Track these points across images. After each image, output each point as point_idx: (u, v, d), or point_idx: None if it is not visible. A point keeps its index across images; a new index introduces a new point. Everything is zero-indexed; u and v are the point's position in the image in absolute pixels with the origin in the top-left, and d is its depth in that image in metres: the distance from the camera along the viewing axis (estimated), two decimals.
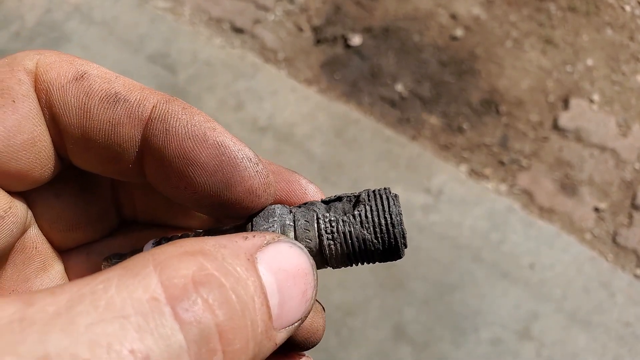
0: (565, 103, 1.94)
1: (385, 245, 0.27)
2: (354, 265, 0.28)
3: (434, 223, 1.72)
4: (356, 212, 0.27)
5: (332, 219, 0.27)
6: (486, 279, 1.64)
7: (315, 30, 2.09)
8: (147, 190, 0.31)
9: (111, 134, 0.26)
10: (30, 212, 0.28)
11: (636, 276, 1.67)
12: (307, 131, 1.87)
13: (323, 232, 0.26)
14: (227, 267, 0.20)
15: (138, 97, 0.26)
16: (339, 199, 0.28)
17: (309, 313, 0.24)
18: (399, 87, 1.97)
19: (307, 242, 0.26)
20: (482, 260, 1.67)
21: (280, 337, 0.22)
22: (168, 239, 0.28)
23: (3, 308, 0.16)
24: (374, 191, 0.28)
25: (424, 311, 1.60)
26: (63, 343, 0.16)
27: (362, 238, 0.26)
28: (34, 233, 0.29)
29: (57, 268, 0.30)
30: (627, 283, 1.65)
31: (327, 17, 2.12)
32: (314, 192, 0.30)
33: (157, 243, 0.28)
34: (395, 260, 0.28)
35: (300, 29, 2.10)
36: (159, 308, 0.17)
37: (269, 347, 0.21)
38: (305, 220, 0.27)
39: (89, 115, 0.25)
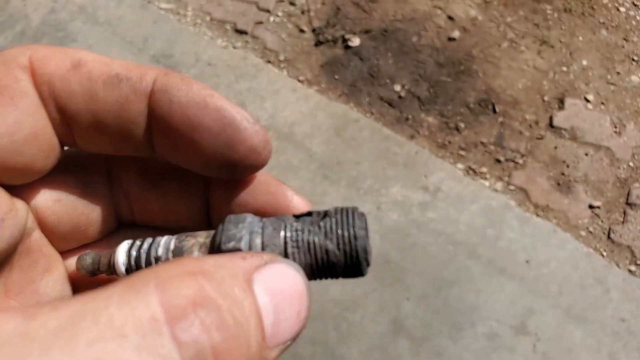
0: (561, 102, 1.97)
1: (346, 257, 0.27)
2: (317, 279, 0.28)
3: (431, 220, 1.75)
4: (322, 224, 0.28)
5: (299, 228, 0.28)
6: (482, 275, 1.67)
7: (316, 31, 2.13)
8: (145, 195, 0.32)
9: (120, 113, 0.27)
10: (32, 216, 0.29)
11: (631, 272, 1.69)
12: (307, 130, 1.90)
13: (289, 240, 0.27)
14: (225, 289, 0.20)
15: (138, 73, 0.27)
16: (309, 214, 0.29)
17: (301, 332, 0.24)
18: (397, 87, 2.01)
19: (273, 248, 0.27)
20: (479, 256, 1.70)
21: (273, 355, 0.23)
22: (141, 242, 0.29)
23: (4, 322, 0.17)
24: (342, 208, 0.29)
25: (421, 306, 1.62)
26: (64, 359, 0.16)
27: (325, 248, 0.27)
28: (38, 236, 0.29)
29: (60, 269, 0.31)
30: (622, 279, 1.67)
31: (327, 18, 2.15)
32: (299, 204, 0.30)
33: (131, 245, 0.29)
34: (358, 276, 0.28)
35: (301, 31, 2.14)
36: (158, 328, 0.18)
37: None
38: (273, 228, 0.28)
39: (96, 99, 0.26)
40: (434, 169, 1.83)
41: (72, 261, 0.31)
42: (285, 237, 0.27)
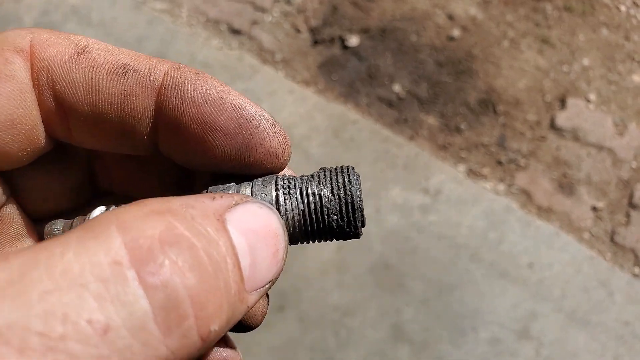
0: (562, 103, 1.95)
1: (340, 202, 0.26)
2: (309, 232, 0.26)
3: (432, 223, 1.72)
4: (315, 174, 0.27)
5: (291, 178, 0.27)
6: (485, 279, 1.64)
7: (313, 31, 2.10)
8: (125, 162, 0.31)
9: (124, 106, 0.25)
10: (6, 187, 0.27)
11: (634, 275, 1.67)
12: (304, 132, 1.87)
13: (280, 187, 0.26)
14: (198, 227, 0.19)
15: (147, 66, 0.25)
16: (302, 176, 0.28)
17: (279, 274, 0.23)
18: (397, 88, 1.98)
19: (263, 196, 0.26)
20: (481, 259, 1.67)
21: (252, 299, 0.21)
22: (117, 206, 0.27)
23: None
24: (335, 167, 0.28)
25: (422, 311, 1.60)
26: (14, 315, 0.14)
27: (318, 193, 0.26)
28: (11, 205, 0.28)
29: (31, 237, 0.30)
30: (626, 282, 1.65)
31: (324, 18, 2.12)
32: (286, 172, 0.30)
33: (106, 209, 0.27)
34: (353, 233, 0.26)
35: (298, 30, 2.11)
36: (121, 273, 0.16)
37: (242, 310, 0.20)
38: (263, 180, 0.27)
39: (98, 90, 0.24)
40: (434, 171, 1.81)
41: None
42: (276, 185, 0.26)
